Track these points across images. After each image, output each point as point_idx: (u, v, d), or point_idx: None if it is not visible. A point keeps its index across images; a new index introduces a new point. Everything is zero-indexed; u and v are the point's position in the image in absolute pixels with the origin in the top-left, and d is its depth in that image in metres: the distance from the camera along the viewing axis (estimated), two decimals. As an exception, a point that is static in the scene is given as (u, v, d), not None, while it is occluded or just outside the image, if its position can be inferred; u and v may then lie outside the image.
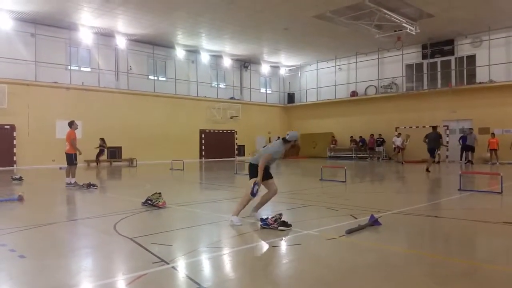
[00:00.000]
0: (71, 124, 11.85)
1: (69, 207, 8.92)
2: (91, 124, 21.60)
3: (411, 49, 25.63)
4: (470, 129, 21.80)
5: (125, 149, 23.47)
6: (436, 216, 6.64)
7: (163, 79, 26.65)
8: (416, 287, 3.54)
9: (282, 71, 33.40)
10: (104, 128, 22.36)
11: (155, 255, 4.44)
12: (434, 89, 24.75)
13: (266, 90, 33.12)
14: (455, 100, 23.55)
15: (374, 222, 5.84)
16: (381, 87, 27.45)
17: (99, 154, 20.73)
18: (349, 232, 5.39)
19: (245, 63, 30.58)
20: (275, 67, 32.75)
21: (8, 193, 10.06)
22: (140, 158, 23.13)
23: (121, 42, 23.35)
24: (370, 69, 27.86)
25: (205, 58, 27.69)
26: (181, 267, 4.14)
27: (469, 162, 20.82)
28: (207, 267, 4.21)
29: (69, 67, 22.15)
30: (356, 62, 28.51)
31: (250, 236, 5.44)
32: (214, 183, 13.24)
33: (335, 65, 29.88)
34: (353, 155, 27.49)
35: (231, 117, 28.98)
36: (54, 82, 21.20)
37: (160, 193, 7.90)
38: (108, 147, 21.58)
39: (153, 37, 23.78)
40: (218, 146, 28.28)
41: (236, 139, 29.74)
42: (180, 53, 26.31)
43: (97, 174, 16.91)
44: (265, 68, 31.70)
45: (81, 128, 21.76)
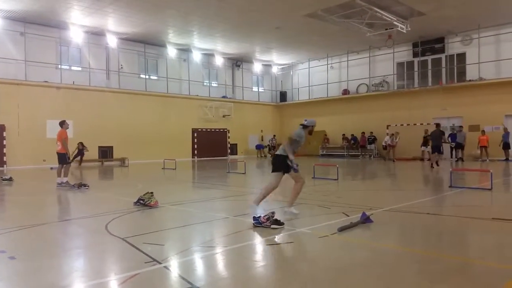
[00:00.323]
0: (62, 124, 11.75)
1: (60, 207, 8.85)
2: (82, 124, 21.44)
3: (402, 47, 25.79)
4: (460, 127, 22.00)
5: (117, 149, 23.34)
6: (428, 213, 6.70)
7: (155, 78, 26.51)
8: (408, 285, 3.57)
9: (274, 70, 33.40)
10: (95, 128, 22.22)
11: (147, 255, 4.42)
12: (425, 87, 24.92)
13: (258, 89, 33.11)
14: (446, 98, 23.75)
15: (366, 220, 5.88)
16: (373, 85, 27.59)
17: (76, 156, 20.34)
18: (341, 230, 5.42)
19: (237, 62, 30.54)
20: (267, 66, 32.75)
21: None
22: (132, 158, 23.01)
23: (112, 41, 23.18)
24: (362, 68, 27.98)
25: (197, 57, 27.61)
26: (174, 267, 4.13)
27: (460, 160, 21.01)
28: (200, 266, 4.21)
29: (60, 66, 21.95)
30: (348, 61, 28.60)
31: (243, 235, 5.44)
32: (207, 182, 13.22)
33: (327, 64, 29.97)
34: (345, 153, 27.60)
35: (224, 116, 28.94)
36: (45, 82, 21.01)
37: (152, 193, 7.86)
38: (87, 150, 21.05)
39: (144, 36, 23.65)
40: (211, 145, 28.21)
41: (229, 138, 29.70)
42: (172, 52, 26.21)
43: (75, 174, 16.74)
44: (257, 67, 31.68)
45: (72, 128, 21.56)
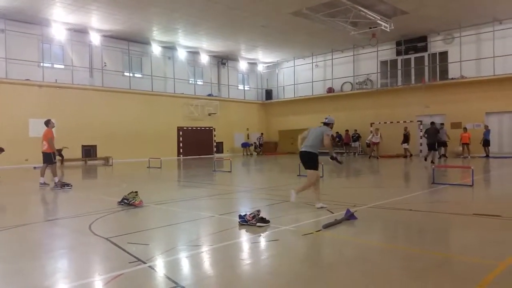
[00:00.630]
0: (48, 123, 11.51)
1: (43, 208, 8.71)
2: (65, 122, 21.10)
3: (386, 46, 26.07)
4: (441, 124, 22.26)
5: (100, 148, 23.07)
6: (411, 210, 6.79)
7: (139, 76, 26.28)
8: (392, 281, 3.62)
9: (260, 68, 33.43)
10: (79, 126, 21.92)
11: (132, 255, 4.39)
12: (408, 85, 25.26)
13: (244, 87, 33.10)
14: (429, 96, 24.10)
15: (350, 217, 5.95)
16: (357, 84, 27.84)
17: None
18: (326, 227, 5.47)
19: (223, 60, 30.46)
20: (253, 64, 32.75)
21: None
22: (116, 157, 22.78)
23: (95, 38, 22.89)
24: (346, 66, 28.21)
25: (182, 55, 27.45)
26: (159, 266, 4.11)
27: (443, 156, 21.32)
28: (185, 266, 4.20)
29: (42, 64, 21.59)
30: (332, 59, 28.79)
31: (228, 233, 5.45)
32: (192, 181, 13.17)
33: (312, 62, 30.12)
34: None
35: (209, 114, 28.85)
36: (26, 80, 20.63)
37: (137, 192, 7.81)
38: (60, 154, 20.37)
39: (128, 33, 23.41)
40: (196, 143, 28.11)
41: (214, 136, 29.63)
42: (156, 49, 26.00)
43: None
44: (243, 65, 31.66)
45: (55, 127, 21.30)
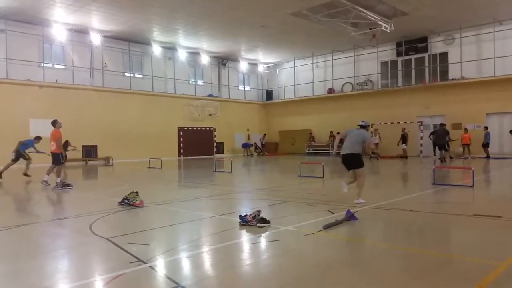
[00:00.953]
0: (55, 123, 11.45)
1: (43, 208, 8.71)
2: (66, 123, 20.55)
3: (386, 47, 26.07)
4: (440, 124, 22.08)
5: (101, 148, 23.07)
6: (411, 210, 6.79)
7: (140, 76, 26.29)
8: (393, 281, 3.62)
9: (260, 68, 33.43)
10: (79, 127, 21.90)
11: (132, 255, 4.39)
12: (409, 86, 25.25)
13: (245, 87, 33.10)
14: (429, 97, 24.09)
15: (351, 217, 5.94)
16: (357, 84, 27.84)
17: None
18: (326, 227, 5.47)
19: (223, 60, 30.47)
20: (253, 64, 32.76)
21: None
22: (117, 157, 22.77)
23: (96, 39, 22.91)
24: (346, 67, 28.21)
25: (183, 55, 27.46)
26: (159, 267, 4.11)
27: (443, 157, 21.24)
28: (186, 266, 4.20)
29: (42, 64, 21.61)
30: (333, 60, 28.79)
31: (229, 234, 5.45)
32: (193, 181, 13.17)
33: (312, 63, 30.12)
34: (330, 152, 27.77)
35: (210, 115, 28.85)
36: (27, 80, 20.64)
37: (137, 192, 7.80)
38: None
39: (129, 34, 23.42)
40: (197, 144, 28.11)
41: (215, 137, 29.62)
42: (157, 50, 26.01)
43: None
44: (243, 65, 31.67)
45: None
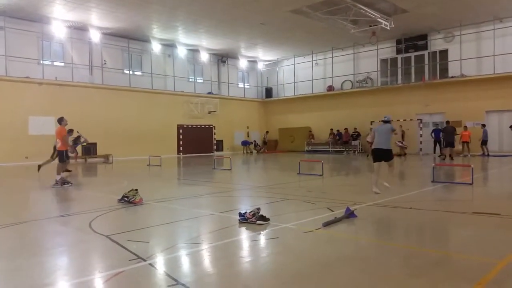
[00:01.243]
0: (61, 121, 11.57)
1: (43, 205, 8.72)
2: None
3: (386, 44, 26.04)
4: (447, 122, 21.78)
5: (100, 145, 23.02)
6: (411, 208, 6.80)
7: (139, 74, 26.24)
8: (391, 279, 3.63)
9: (260, 66, 33.38)
10: (78, 124, 21.75)
11: (132, 252, 4.40)
12: (408, 83, 25.23)
13: (244, 85, 33.05)
14: (429, 94, 24.09)
15: (350, 215, 5.96)
16: (357, 82, 27.81)
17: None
18: (326, 225, 5.48)
19: (223, 58, 30.42)
20: (253, 62, 32.71)
21: None
22: (116, 154, 22.76)
23: (95, 36, 22.85)
24: (346, 64, 28.17)
25: (182, 52, 27.40)
26: (159, 264, 4.12)
27: (443, 155, 21.21)
28: (185, 263, 4.21)
29: (42, 62, 21.56)
30: (332, 57, 28.75)
31: (229, 231, 5.46)
32: (193, 179, 13.18)
33: (312, 60, 30.08)
34: (330, 149, 27.80)
35: (209, 112, 28.82)
36: (26, 77, 20.60)
37: (137, 190, 7.81)
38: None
39: (128, 31, 23.36)
40: (196, 141, 28.09)
41: (214, 134, 29.60)
42: (156, 47, 25.95)
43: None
44: (243, 63, 31.62)
45: (54, 125, 21.24)
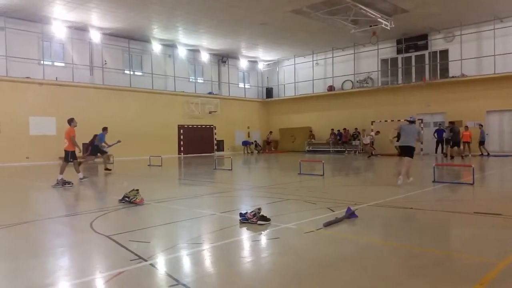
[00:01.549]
0: (71, 122, 12.01)
1: (44, 205, 8.72)
2: (65, 120, 20.92)
3: (386, 44, 26.02)
4: (452, 122, 21.62)
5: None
6: (411, 208, 6.79)
7: (139, 74, 26.25)
8: (392, 279, 3.62)
9: (260, 66, 33.37)
10: (79, 124, 21.58)
11: (133, 252, 4.40)
12: (409, 83, 25.21)
13: (245, 85, 33.05)
14: (429, 94, 24.07)
15: (351, 215, 5.95)
16: (357, 82, 27.80)
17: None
18: (327, 225, 5.47)
19: (223, 58, 30.42)
20: (253, 62, 32.71)
21: None
22: (117, 155, 22.73)
23: (96, 36, 22.86)
24: (347, 64, 28.16)
25: (182, 53, 27.40)
26: (160, 264, 4.11)
27: (444, 155, 21.21)
28: (186, 263, 4.21)
29: (42, 62, 21.58)
30: (333, 57, 28.75)
31: (229, 231, 5.45)
32: (193, 179, 13.18)
33: (312, 60, 30.07)
34: (331, 149, 27.79)
35: (210, 112, 28.82)
36: (27, 77, 20.61)
37: (138, 190, 7.80)
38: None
39: (129, 31, 23.37)
40: (197, 142, 28.09)
41: (215, 134, 29.60)
42: (157, 47, 25.95)
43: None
44: (243, 63, 31.62)
45: (55, 125, 21.31)
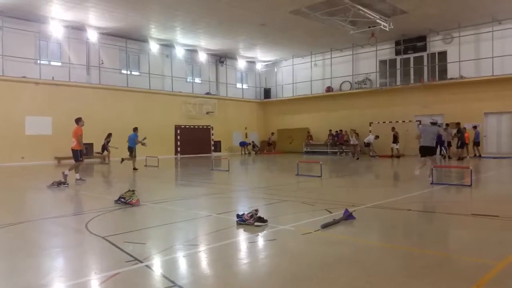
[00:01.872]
0: (78, 121, 12.06)
1: (39, 206, 8.64)
2: (62, 120, 20.95)
3: (385, 45, 26.04)
4: (447, 124, 21.91)
5: (97, 146, 22.89)
6: (409, 210, 6.76)
7: (137, 74, 26.16)
8: (390, 281, 3.59)
9: (258, 66, 33.33)
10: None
11: (128, 254, 4.35)
12: (407, 85, 25.22)
13: (242, 86, 33.00)
14: (427, 96, 24.09)
15: (349, 216, 5.91)
16: (356, 83, 27.80)
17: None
18: (324, 227, 5.44)
19: (221, 58, 30.37)
20: (251, 62, 32.67)
21: None
22: (113, 155, 22.65)
23: (93, 36, 22.77)
24: (345, 65, 28.16)
25: (180, 53, 27.33)
26: (156, 266, 4.07)
27: (443, 156, 21.22)
28: (182, 265, 4.16)
29: (39, 61, 21.47)
30: (331, 58, 28.74)
31: (226, 233, 5.41)
32: (190, 180, 13.12)
33: (311, 61, 30.06)
34: (329, 150, 27.77)
35: (207, 113, 28.75)
36: (23, 77, 20.50)
37: (134, 191, 7.76)
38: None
39: (126, 31, 23.29)
40: (194, 142, 28.02)
41: (212, 135, 29.54)
42: (154, 47, 25.87)
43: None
44: (241, 63, 31.56)
45: (51, 125, 21.23)
